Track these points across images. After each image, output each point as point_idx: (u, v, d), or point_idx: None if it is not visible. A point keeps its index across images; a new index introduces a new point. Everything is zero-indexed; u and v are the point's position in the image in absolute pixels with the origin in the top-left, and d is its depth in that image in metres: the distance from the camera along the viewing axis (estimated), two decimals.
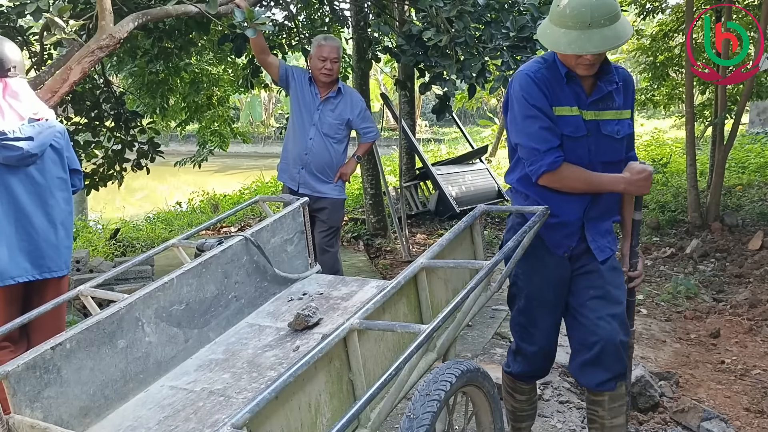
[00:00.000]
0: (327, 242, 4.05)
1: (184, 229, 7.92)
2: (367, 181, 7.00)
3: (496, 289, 2.33)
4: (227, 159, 21.04)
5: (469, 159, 9.37)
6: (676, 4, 10.93)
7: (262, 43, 3.92)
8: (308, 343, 2.11)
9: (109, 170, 5.64)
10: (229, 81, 9.03)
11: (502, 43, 4.09)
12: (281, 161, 4.19)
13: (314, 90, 4.02)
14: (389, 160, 13.57)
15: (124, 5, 3.85)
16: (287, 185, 4.12)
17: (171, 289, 2.12)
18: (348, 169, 4.10)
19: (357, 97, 4.16)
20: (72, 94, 5.04)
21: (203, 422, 1.74)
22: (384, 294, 1.80)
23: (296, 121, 4.07)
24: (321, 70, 3.93)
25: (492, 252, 5.64)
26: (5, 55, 2.61)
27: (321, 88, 4.02)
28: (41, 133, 2.62)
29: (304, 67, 4.53)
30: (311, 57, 4.04)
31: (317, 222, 4.03)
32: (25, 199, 2.62)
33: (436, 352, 2.01)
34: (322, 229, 4.04)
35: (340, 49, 4.05)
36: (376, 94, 14.06)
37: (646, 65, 11.42)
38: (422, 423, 1.63)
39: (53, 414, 1.74)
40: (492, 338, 4.05)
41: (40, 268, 2.68)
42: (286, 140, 4.21)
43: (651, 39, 11.18)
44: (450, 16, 3.94)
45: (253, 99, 23.48)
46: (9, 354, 2.50)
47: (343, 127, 4.05)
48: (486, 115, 21.15)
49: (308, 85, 4.01)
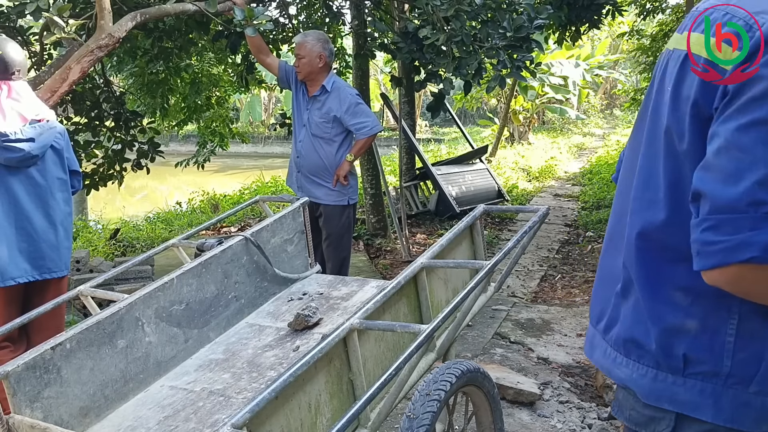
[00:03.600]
0: (327, 252, 3.90)
1: (184, 229, 7.91)
2: (367, 181, 7.00)
3: (496, 289, 2.33)
4: (227, 159, 21.05)
5: (469, 159, 9.37)
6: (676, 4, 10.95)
7: (260, 44, 3.86)
8: (308, 343, 2.11)
9: (109, 170, 5.63)
10: (228, 81, 9.04)
11: (499, 42, 4.08)
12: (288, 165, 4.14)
13: (304, 89, 3.92)
14: (389, 160, 13.56)
15: (124, 4, 3.84)
16: (293, 190, 4.06)
17: (171, 289, 2.12)
18: (341, 171, 3.84)
19: (347, 92, 3.88)
20: (72, 93, 5.03)
21: (203, 422, 1.74)
22: (384, 294, 1.80)
23: (294, 123, 4.02)
24: (295, 67, 3.87)
25: (492, 252, 5.65)
26: (10, 57, 2.62)
27: (309, 87, 3.88)
28: (42, 134, 2.62)
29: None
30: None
31: (320, 229, 3.90)
32: (26, 199, 2.62)
33: (436, 352, 2.01)
34: (323, 237, 3.90)
35: (308, 45, 3.80)
36: (376, 94, 14.07)
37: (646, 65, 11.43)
38: (422, 423, 1.63)
39: (53, 414, 1.73)
40: (492, 338, 4.04)
41: (40, 268, 2.68)
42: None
43: (651, 39, 11.20)
44: (447, 15, 3.92)
45: (253, 99, 23.47)
46: (9, 354, 2.50)
47: (330, 125, 3.82)
48: (486, 115, 21.14)
49: (301, 84, 3.92)
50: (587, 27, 6.71)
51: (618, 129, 24.17)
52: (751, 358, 1.00)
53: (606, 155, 15.65)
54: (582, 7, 6.14)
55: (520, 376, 3.34)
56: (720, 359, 1.02)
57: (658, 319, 1.07)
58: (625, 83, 22.11)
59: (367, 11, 6.30)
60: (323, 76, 3.86)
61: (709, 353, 1.03)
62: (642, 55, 11.59)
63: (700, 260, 0.93)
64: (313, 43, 3.81)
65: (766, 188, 0.86)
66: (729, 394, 1.03)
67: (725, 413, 1.03)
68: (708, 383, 1.04)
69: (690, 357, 1.05)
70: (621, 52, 22.43)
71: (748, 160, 0.87)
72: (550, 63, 16.30)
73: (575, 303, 4.99)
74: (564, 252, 6.82)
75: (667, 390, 1.07)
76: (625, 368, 1.14)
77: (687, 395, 1.05)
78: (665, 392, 1.08)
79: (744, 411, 1.02)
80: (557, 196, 10.54)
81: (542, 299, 5.13)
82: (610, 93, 28.65)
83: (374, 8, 6.33)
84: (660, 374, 1.08)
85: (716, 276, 0.93)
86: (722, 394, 1.03)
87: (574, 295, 5.28)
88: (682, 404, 1.06)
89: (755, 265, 0.88)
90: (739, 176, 0.87)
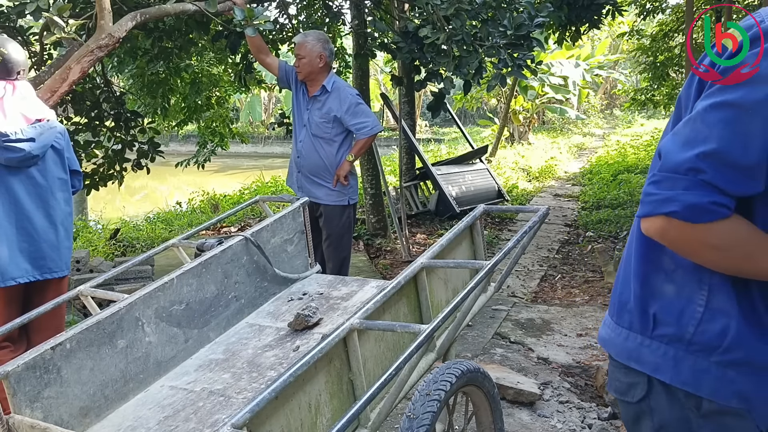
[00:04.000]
0: (328, 252, 3.91)
1: (184, 229, 7.91)
2: (367, 181, 7.00)
3: (496, 289, 2.33)
4: (227, 159, 21.05)
5: (469, 159, 9.37)
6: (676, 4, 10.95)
7: (260, 44, 3.86)
8: (308, 343, 2.11)
9: (109, 170, 5.63)
10: (229, 82, 9.04)
11: (499, 41, 4.07)
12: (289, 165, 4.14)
13: (304, 89, 3.92)
14: (389, 160, 13.56)
15: (124, 4, 3.84)
16: (294, 190, 4.07)
17: (171, 289, 2.12)
18: (341, 171, 3.84)
19: (347, 92, 3.89)
20: (72, 93, 5.03)
21: (203, 422, 1.74)
22: (384, 294, 1.80)
23: (294, 124, 4.02)
24: (295, 67, 3.88)
25: (492, 252, 5.64)
26: (13, 58, 2.62)
27: (309, 87, 3.89)
28: (42, 134, 2.63)
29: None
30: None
31: (320, 229, 3.91)
32: (26, 199, 2.62)
33: (436, 352, 2.01)
34: (324, 237, 3.91)
35: (308, 45, 3.81)
36: (376, 94, 14.08)
37: (646, 65, 11.44)
38: (422, 423, 1.63)
39: (53, 414, 1.73)
40: (492, 338, 4.04)
41: (41, 268, 2.68)
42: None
43: (651, 39, 11.20)
44: (447, 14, 3.92)
45: (253, 99, 23.47)
46: (9, 354, 2.50)
47: (331, 125, 3.83)
48: (486, 115, 21.14)
49: (301, 84, 3.92)
50: (587, 27, 6.71)
51: (618, 129, 24.17)
52: (717, 330, 1.07)
53: (606, 155, 15.65)
54: (582, 7, 6.14)
55: (520, 376, 3.34)
56: (686, 326, 1.10)
57: (643, 278, 1.16)
58: (625, 83, 22.11)
59: (367, 11, 6.30)
60: (323, 76, 3.86)
61: (676, 318, 1.11)
62: (642, 55, 11.59)
63: (639, 208, 1.05)
64: (314, 43, 3.81)
65: (708, 161, 0.96)
66: (689, 360, 1.09)
67: (683, 376, 1.10)
68: (670, 347, 1.11)
69: (659, 318, 1.13)
70: (621, 52, 22.45)
71: (704, 134, 0.98)
72: (550, 63, 16.30)
73: (575, 303, 4.99)
74: (564, 252, 6.82)
75: (635, 350, 1.15)
76: (607, 328, 1.24)
77: (651, 356, 1.13)
78: (633, 352, 1.16)
79: (702, 377, 1.09)
80: (557, 196, 10.54)
81: (542, 299, 5.13)
82: (610, 93, 28.65)
83: (374, 8, 6.33)
84: (631, 335, 1.17)
85: (647, 225, 1.04)
86: (683, 359, 1.10)
87: (574, 295, 5.28)
88: (645, 364, 1.14)
89: (677, 221, 0.99)
90: (691, 145, 0.98)
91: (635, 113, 25.52)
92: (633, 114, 26.02)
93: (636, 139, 18.57)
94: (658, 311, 1.13)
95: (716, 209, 0.97)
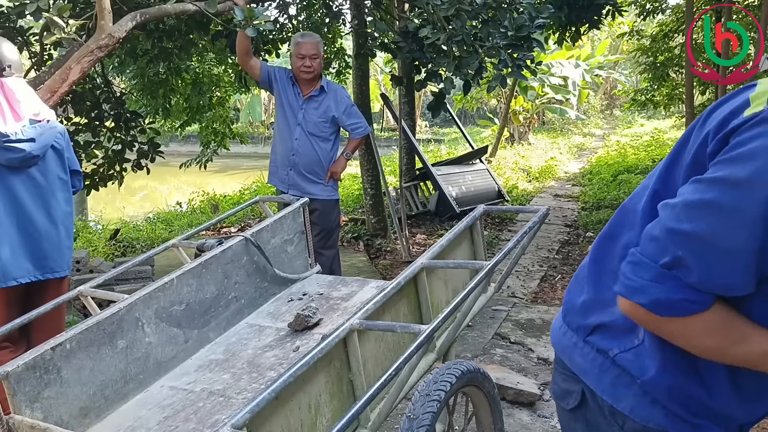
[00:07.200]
0: (320, 245, 3.97)
1: (184, 230, 7.91)
2: (367, 181, 6.99)
3: (496, 289, 2.33)
4: (227, 159, 21.00)
5: (469, 159, 9.36)
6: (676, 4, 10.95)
7: (247, 45, 3.90)
8: (308, 343, 2.11)
9: (109, 170, 5.63)
10: (229, 82, 9.05)
11: (500, 41, 4.08)
12: (270, 164, 4.19)
13: (297, 89, 4.01)
14: (389, 160, 13.56)
15: (124, 5, 3.85)
16: (279, 188, 4.12)
17: (171, 290, 2.12)
18: (338, 168, 4.04)
19: (342, 94, 4.10)
20: (72, 94, 5.03)
21: (203, 422, 1.74)
22: (384, 294, 1.80)
23: (281, 123, 4.07)
24: (300, 68, 3.92)
25: (492, 252, 5.64)
26: (1, 54, 2.60)
27: (303, 87, 4.00)
28: (43, 134, 2.62)
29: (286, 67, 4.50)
30: (291, 56, 4.04)
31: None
32: (27, 199, 2.62)
33: (436, 352, 2.01)
34: (315, 232, 3.94)
35: (320, 45, 4.01)
36: (376, 94, 14.06)
37: (646, 65, 11.44)
38: (422, 423, 1.63)
39: (53, 414, 1.73)
40: (492, 338, 4.04)
41: (43, 268, 2.68)
42: (273, 143, 4.21)
43: (651, 39, 11.20)
44: (447, 14, 3.93)
45: (253, 99, 23.46)
46: (9, 354, 2.50)
47: (328, 124, 4.01)
48: (486, 115, 21.13)
49: (291, 85, 4.01)
50: (587, 27, 6.71)
51: (618, 129, 24.16)
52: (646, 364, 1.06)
53: (606, 155, 15.63)
54: (582, 7, 6.14)
55: (520, 376, 3.34)
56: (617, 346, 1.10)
57: (597, 287, 1.16)
58: (625, 84, 22.11)
59: (367, 11, 6.30)
60: (320, 76, 4.03)
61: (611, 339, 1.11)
62: (642, 55, 11.59)
63: (617, 285, 1.01)
64: (321, 43, 4.01)
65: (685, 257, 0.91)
66: (612, 373, 1.10)
67: (603, 386, 1.11)
68: (599, 355, 1.13)
69: (597, 329, 1.14)
70: (621, 53, 22.44)
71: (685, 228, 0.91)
72: (550, 63, 16.29)
73: None
74: (564, 252, 6.81)
75: (568, 349, 1.19)
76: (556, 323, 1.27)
77: (580, 359, 1.16)
78: (567, 349, 1.19)
79: (623, 392, 1.09)
80: (557, 197, 10.54)
81: (542, 299, 5.13)
82: (610, 93, 28.65)
83: (374, 8, 6.34)
84: (569, 332, 1.20)
85: (620, 303, 1.02)
86: (607, 370, 1.11)
87: None
88: (575, 365, 1.17)
89: (645, 310, 0.96)
90: (671, 236, 0.93)
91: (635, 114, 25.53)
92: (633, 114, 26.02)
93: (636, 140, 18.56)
94: (600, 323, 1.13)
95: (687, 306, 0.93)
